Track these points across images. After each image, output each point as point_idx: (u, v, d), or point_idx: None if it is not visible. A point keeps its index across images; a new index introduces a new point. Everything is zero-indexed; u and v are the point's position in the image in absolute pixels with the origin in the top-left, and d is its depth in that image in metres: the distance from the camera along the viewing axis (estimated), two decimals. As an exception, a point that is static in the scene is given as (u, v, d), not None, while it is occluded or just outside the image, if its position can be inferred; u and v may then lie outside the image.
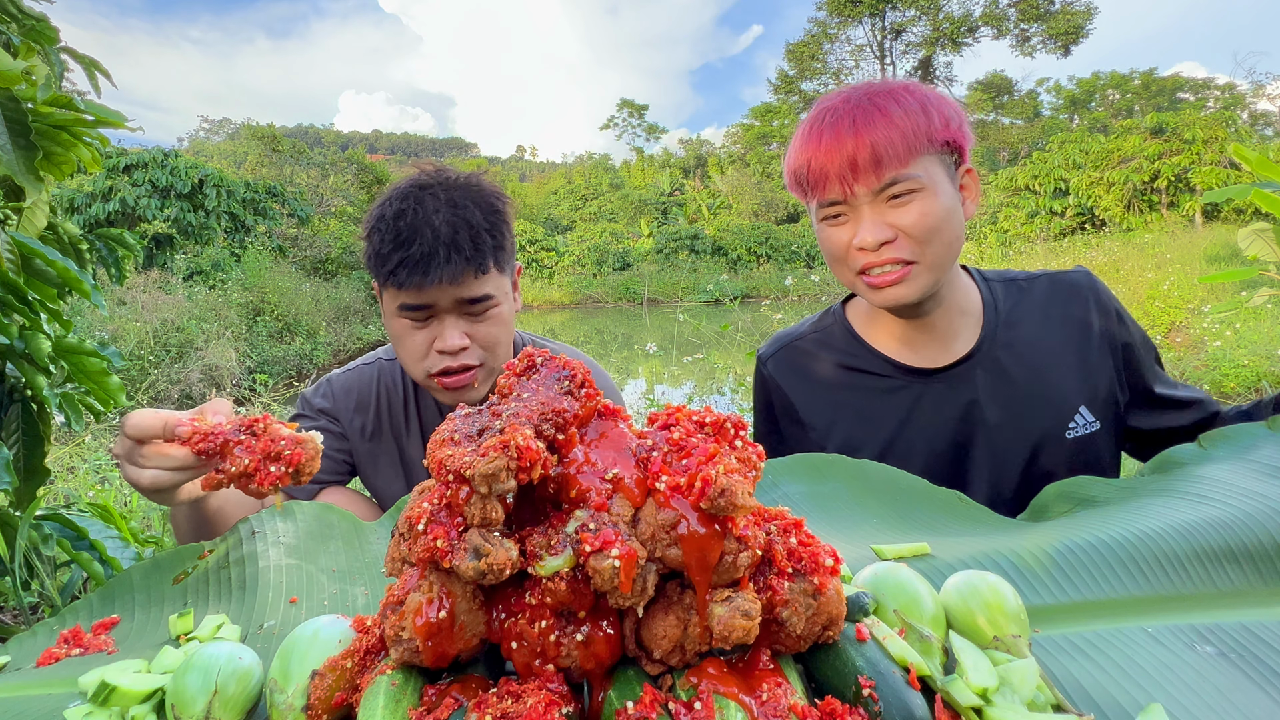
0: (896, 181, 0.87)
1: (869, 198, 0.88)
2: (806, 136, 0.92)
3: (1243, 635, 0.47)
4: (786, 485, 0.78)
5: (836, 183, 0.89)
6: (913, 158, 0.87)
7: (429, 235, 0.98)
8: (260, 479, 0.70)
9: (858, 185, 0.88)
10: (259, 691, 0.50)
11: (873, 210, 0.89)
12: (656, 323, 15.20)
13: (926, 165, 0.88)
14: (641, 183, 35.64)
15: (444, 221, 0.99)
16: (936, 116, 0.88)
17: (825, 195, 0.91)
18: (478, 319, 1.05)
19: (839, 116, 0.89)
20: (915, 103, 0.88)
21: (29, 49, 1.14)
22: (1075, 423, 0.94)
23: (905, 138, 0.86)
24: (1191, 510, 0.60)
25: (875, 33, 29.53)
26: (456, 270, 0.98)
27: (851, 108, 0.89)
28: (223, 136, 66.84)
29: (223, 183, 13.67)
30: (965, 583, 0.50)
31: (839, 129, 0.88)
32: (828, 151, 0.88)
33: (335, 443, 1.22)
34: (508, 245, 1.07)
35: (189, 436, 0.70)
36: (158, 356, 6.88)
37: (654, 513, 0.44)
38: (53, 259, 1.07)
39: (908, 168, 0.87)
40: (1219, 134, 15.24)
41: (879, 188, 0.87)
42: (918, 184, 0.87)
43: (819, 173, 0.90)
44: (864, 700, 0.42)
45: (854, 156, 0.87)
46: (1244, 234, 3.38)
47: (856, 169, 0.87)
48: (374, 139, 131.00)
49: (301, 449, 0.72)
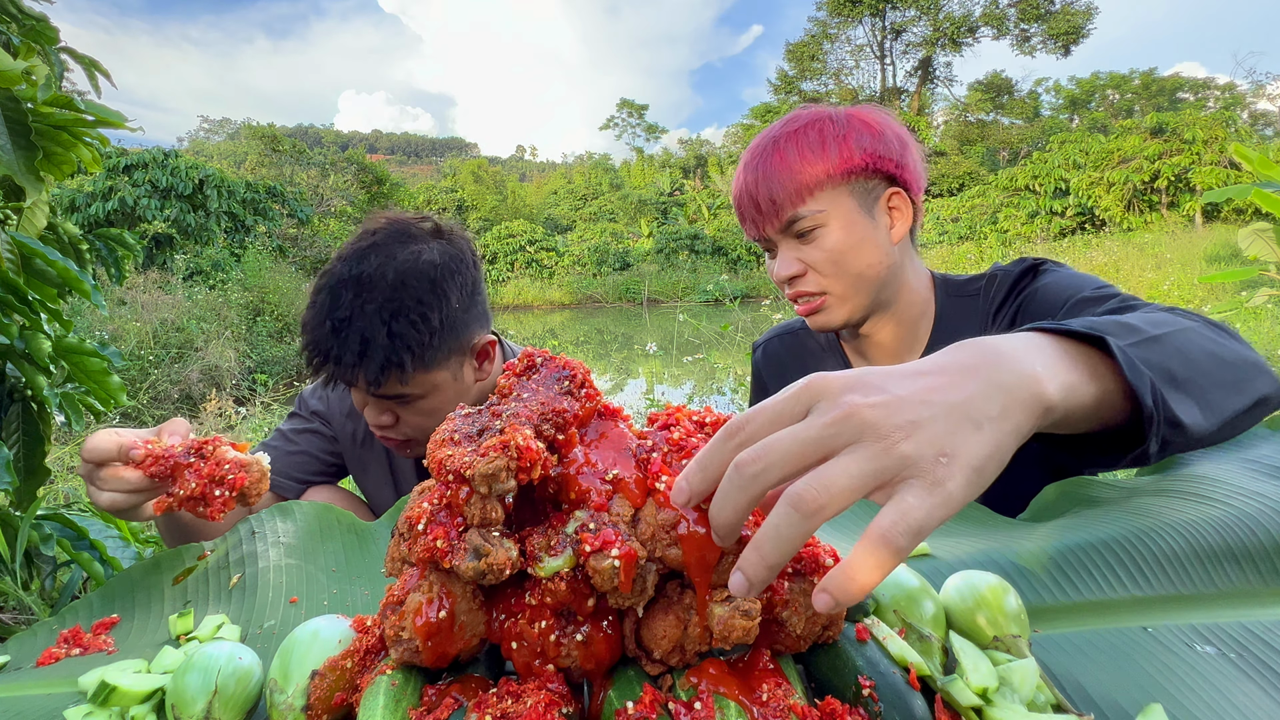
0: (796, 220, 0.91)
1: (779, 236, 0.94)
2: (734, 181, 0.98)
3: (1243, 635, 0.47)
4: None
5: (750, 224, 0.95)
6: (808, 195, 0.90)
7: (323, 338, 0.95)
8: (208, 502, 0.70)
9: (765, 226, 0.94)
10: (259, 691, 0.50)
11: (785, 246, 0.94)
12: (656, 323, 15.20)
13: (831, 199, 0.90)
14: (641, 183, 35.65)
15: (339, 328, 0.94)
16: (837, 150, 0.89)
17: (750, 235, 0.98)
18: (402, 407, 1.01)
19: (745, 167, 0.95)
20: (816, 137, 0.90)
21: (29, 49, 1.14)
22: None
23: (797, 178, 0.89)
24: (1191, 510, 0.60)
25: (875, 33, 29.54)
26: (343, 378, 0.96)
27: (756, 157, 0.93)
28: (223, 136, 66.86)
29: (223, 183, 13.67)
30: (965, 583, 0.50)
31: (747, 171, 0.94)
32: (739, 194, 0.95)
33: (325, 444, 1.23)
34: (439, 348, 0.98)
35: (141, 460, 0.70)
36: (158, 356, 6.88)
37: (654, 513, 0.44)
38: (53, 259, 1.07)
39: (805, 205, 0.90)
40: (1219, 134, 15.24)
41: (781, 227, 0.93)
42: (819, 220, 0.90)
43: (740, 214, 0.97)
44: (864, 700, 0.42)
45: (755, 199, 0.92)
46: (1244, 234, 3.38)
47: (760, 211, 0.92)
48: (374, 139, 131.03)
49: (245, 472, 0.71)
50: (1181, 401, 0.50)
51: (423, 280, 0.98)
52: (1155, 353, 0.51)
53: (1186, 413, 0.50)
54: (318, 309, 0.98)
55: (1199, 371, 0.54)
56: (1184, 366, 0.53)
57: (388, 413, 1.03)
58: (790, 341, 1.17)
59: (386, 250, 1.00)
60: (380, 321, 0.94)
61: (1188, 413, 0.50)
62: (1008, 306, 0.94)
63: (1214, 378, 0.54)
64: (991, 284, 0.98)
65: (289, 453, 1.20)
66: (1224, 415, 0.54)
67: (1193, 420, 0.50)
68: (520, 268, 24.74)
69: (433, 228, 1.06)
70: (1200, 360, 0.55)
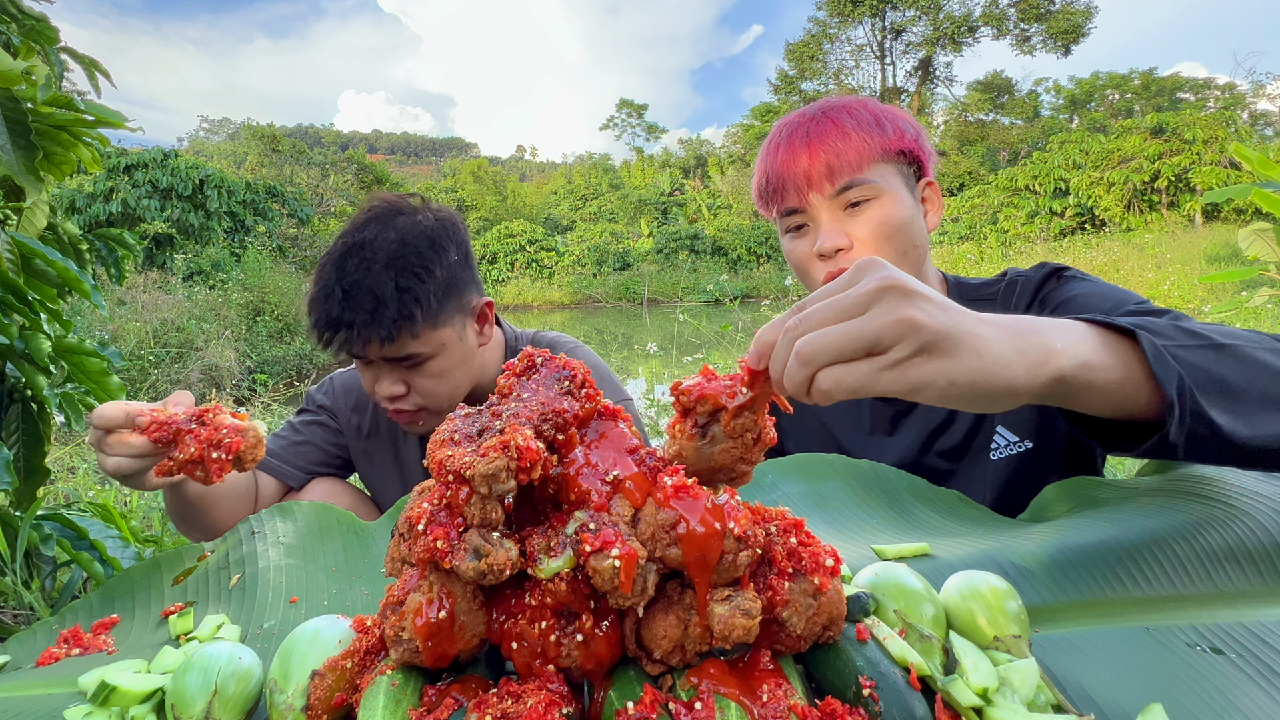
0: (851, 186, 0.88)
1: (826, 205, 0.90)
2: (766, 153, 0.95)
3: (1243, 635, 0.47)
4: (786, 485, 0.78)
5: (793, 192, 0.91)
6: (866, 164, 0.89)
7: (334, 304, 0.99)
8: (206, 465, 0.75)
9: (812, 193, 0.90)
10: (259, 691, 0.50)
11: (830, 217, 0.90)
12: (656, 323, 15.20)
13: (882, 172, 0.90)
14: (641, 183, 35.64)
15: (350, 290, 0.98)
16: (890, 127, 0.91)
17: (784, 204, 0.93)
18: (411, 372, 1.04)
19: (794, 130, 0.92)
20: (869, 115, 0.91)
21: (29, 49, 1.14)
22: (996, 444, 0.91)
23: (857, 145, 0.88)
24: (1192, 510, 0.60)
25: (875, 32, 29.54)
26: (359, 340, 0.99)
27: (806, 122, 0.92)
28: (223, 136, 66.85)
29: (223, 183, 13.67)
30: (965, 583, 0.50)
31: (794, 142, 0.91)
32: (784, 163, 0.91)
33: (330, 437, 1.25)
34: (443, 302, 1.03)
35: (147, 425, 0.75)
36: (158, 356, 6.88)
37: (654, 512, 0.44)
38: (53, 259, 1.08)
39: (862, 173, 0.88)
40: (1219, 134, 15.24)
41: (834, 193, 0.89)
42: (873, 190, 0.88)
43: (777, 184, 0.92)
44: (864, 700, 0.42)
45: (809, 165, 0.89)
46: (1244, 234, 3.38)
47: (811, 177, 0.89)
48: (374, 139, 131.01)
49: (241, 437, 0.76)
50: (1223, 404, 0.51)
51: (422, 239, 1.03)
52: (1207, 358, 0.52)
53: (1226, 413, 0.50)
54: (324, 282, 1.01)
55: (1256, 380, 0.53)
56: (1238, 373, 0.53)
57: (399, 382, 1.05)
58: None
59: (383, 220, 1.05)
60: (388, 278, 0.99)
61: (1229, 413, 0.51)
62: (1034, 312, 0.91)
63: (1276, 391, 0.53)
64: (1011, 290, 0.95)
65: (295, 443, 1.21)
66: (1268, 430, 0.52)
67: (1231, 425, 0.50)
68: (520, 268, 24.74)
69: (421, 202, 1.12)
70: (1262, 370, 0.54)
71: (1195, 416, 0.50)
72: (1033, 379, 0.45)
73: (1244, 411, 0.52)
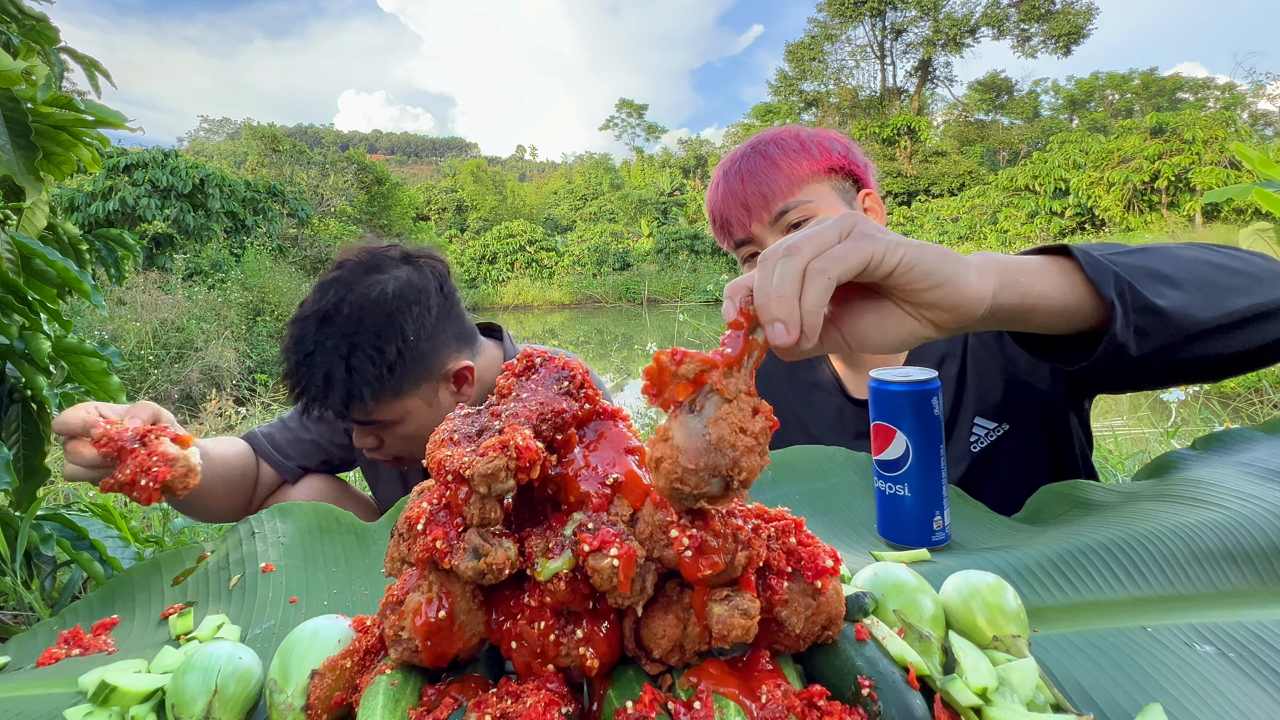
0: (787, 210, 0.94)
1: (769, 231, 0.96)
2: (709, 194, 1.03)
3: (1243, 635, 0.47)
4: (786, 484, 0.78)
5: (737, 224, 0.98)
6: (797, 187, 0.95)
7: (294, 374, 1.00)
8: (137, 490, 0.75)
9: (754, 223, 0.97)
10: (259, 691, 0.50)
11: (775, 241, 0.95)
12: (656, 323, 15.20)
13: (815, 192, 0.96)
14: (641, 183, 35.62)
15: (304, 364, 0.99)
16: (816, 149, 0.98)
17: (734, 237, 1.00)
18: (382, 430, 1.05)
19: (728, 169, 1.00)
20: (795, 142, 0.98)
21: (29, 49, 1.14)
22: (975, 434, 0.92)
23: (786, 171, 0.95)
24: (1188, 513, 0.60)
25: (876, 33, 29.53)
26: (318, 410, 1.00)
27: (738, 160, 1.00)
28: (223, 136, 66.83)
29: (223, 183, 13.66)
30: (965, 583, 0.50)
31: (729, 179, 0.99)
32: (724, 199, 0.99)
33: (337, 437, 1.25)
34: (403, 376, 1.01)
35: (98, 438, 0.75)
36: (158, 356, 6.88)
37: (652, 512, 0.44)
38: (53, 259, 1.08)
39: (794, 196, 0.95)
40: (1219, 134, 15.24)
41: (772, 219, 0.96)
42: (809, 209, 0.94)
43: (722, 220, 1.00)
44: (864, 700, 0.42)
45: (744, 198, 0.97)
46: (1245, 234, 3.37)
47: (750, 207, 0.96)
48: (374, 139, 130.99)
49: (170, 467, 0.76)
50: (1163, 292, 0.56)
51: (378, 314, 1.00)
52: (1140, 259, 0.58)
53: (1167, 298, 0.55)
54: (289, 343, 1.02)
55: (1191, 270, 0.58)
56: (1173, 266, 0.58)
57: (370, 436, 1.06)
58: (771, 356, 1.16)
59: (347, 284, 1.02)
60: (339, 357, 0.98)
61: (1169, 298, 0.55)
62: None
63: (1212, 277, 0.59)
64: None
65: (301, 439, 1.22)
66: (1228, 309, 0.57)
67: (1174, 304, 0.55)
68: (520, 268, 24.74)
69: (401, 254, 1.07)
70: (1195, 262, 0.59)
71: (1140, 310, 0.55)
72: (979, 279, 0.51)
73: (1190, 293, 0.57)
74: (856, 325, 0.52)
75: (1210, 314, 0.57)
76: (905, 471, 0.65)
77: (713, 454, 0.40)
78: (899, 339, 0.51)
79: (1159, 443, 2.69)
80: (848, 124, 28.47)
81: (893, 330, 0.51)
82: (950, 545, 0.66)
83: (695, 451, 0.40)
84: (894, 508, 0.66)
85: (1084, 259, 0.55)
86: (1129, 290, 0.54)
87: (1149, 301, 0.55)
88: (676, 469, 0.40)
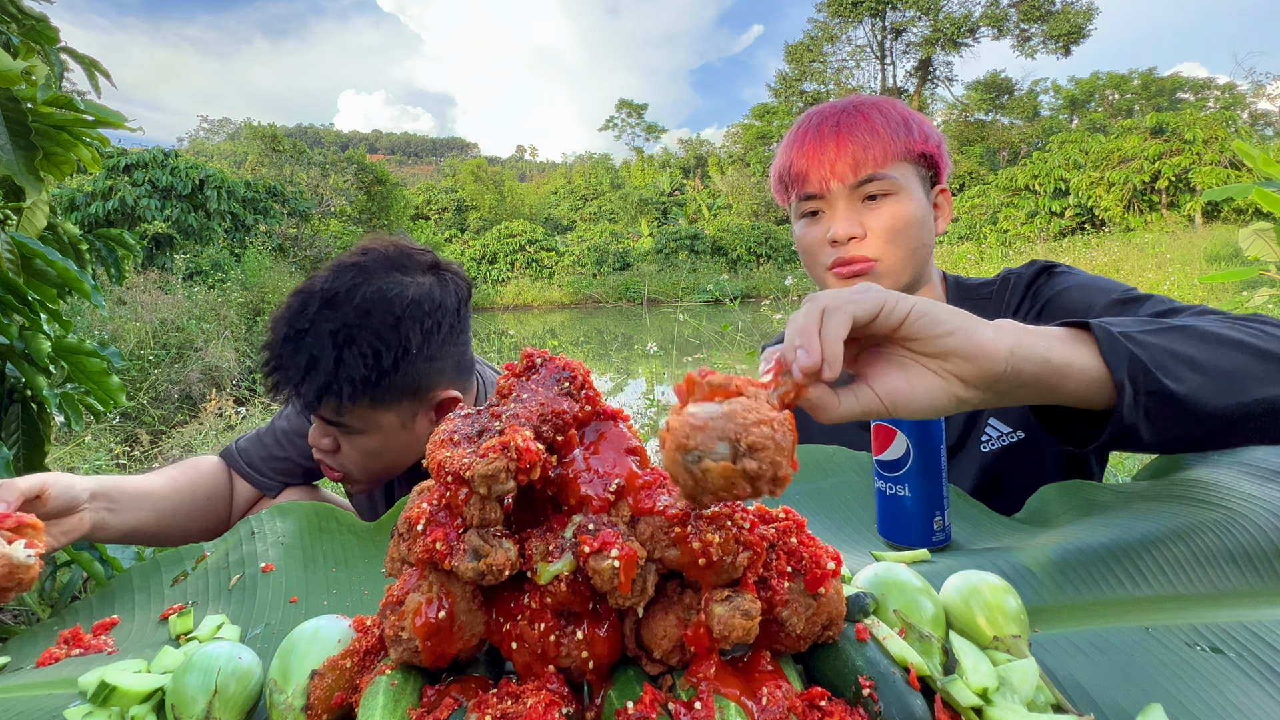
0: (872, 179, 0.91)
1: (845, 194, 0.93)
2: (792, 140, 0.98)
3: (1243, 635, 0.47)
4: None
5: (815, 178, 0.94)
6: (889, 161, 0.92)
7: (277, 350, 0.93)
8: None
9: (834, 180, 0.92)
10: (259, 691, 0.50)
11: (848, 207, 0.93)
12: (656, 323, 15.20)
13: (902, 171, 0.93)
14: (641, 183, 35.61)
15: (292, 339, 0.92)
16: (916, 130, 0.94)
17: (804, 189, 0.95)
18: (344, 436, 0.97)
19: (824, 120, 0.95)
20: (898, 115, 0.95)
21: (29, 49, 1.14)
22: (988, 435, 0.93)
23: (883, 142, 0.91)
24: (1189, 514, 0.60)
25: (875, 33, 29.53)
26: (285, 396, 0.93)
27: (837, 113, 0.95)
28: (223, 136, 66.80)
29: (223, 183, 13.65)
30: (965, 583, 0.50)
31: (823, 131, 0.94)
32: (811, 150, 0.94)
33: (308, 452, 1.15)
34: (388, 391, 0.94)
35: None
36: (158, 356, 6.88)
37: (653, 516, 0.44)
38: (53, 259, 1.08)
39: (884, 169, 0.91)
40: (1219, 134, 15.23)
41: (855, 183, 0.92)
42: (892, 186, 0.91)
43: (800, 169, 0.95)
44: (864, 700, 0.42)
45: (835, 154, 0.92)
46: (1245, 234, 3.37)
47: (836, 166, 0.92)
48: (374, 139, 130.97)
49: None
50: (1183, 376, 0.54)
51: (387, 315, 0.93)
52: (1167, 339, 0.56)
53: (1185, 384, 0.54)
54: (283, 313, 0.95)
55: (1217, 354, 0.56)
56: (1200, 347, 0.56)
57: (329, 436, 0.99)
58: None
59: (367, 272, 0.96)
60: (332, 345, 0.91)
61: (1187, 384, 0.54)
62: (1025, 307, 0.94)
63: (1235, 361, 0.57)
64: (1005, 287, 0.97)
65: (275, 458, 1.16)
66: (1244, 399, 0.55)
67: (1189, 391, 0.54)
68: (520, 268, 24.74)
69: (431, 262, 1.02)
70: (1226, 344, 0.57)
71: (1151, 395, 0.53)
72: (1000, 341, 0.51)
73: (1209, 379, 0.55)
74: (888, 383, 0.52)
75: (1224, 403, 0.55)
76: (905, 472, 0.65)
77: (722, 420, 0.40)
78: (930, 398, 0.51)
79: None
80: (848, 124, 28.44)
81: (922, 390, 0.51)
82: (951, 545, 0.66)
83: (706, 415, 0.40)
84: (894, 508, 0.66)
85: (1102, 336, 0.54)
86: (1143, 374, 0.53)
87: (1163, 386, 0.53)
88: (684, 428, 0.40)
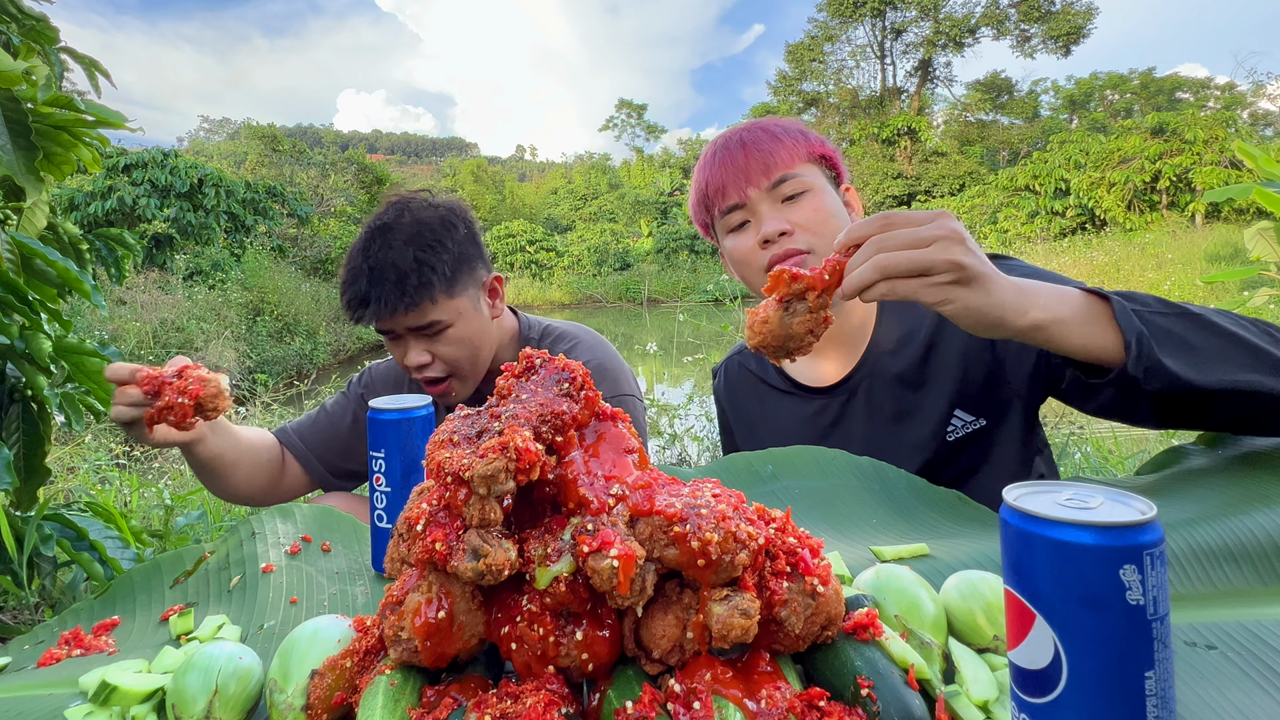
0: (785, 180, 0.99)
1: (764, 198, 1.00)
2: (704, 163, 1.06)
3: (1243, 635, 0.47)
4: (786, 479, 0.78)
5: (734, 190, 1.01)
6: (796, 163, 1.00)
7: (363, 282, 1.13)
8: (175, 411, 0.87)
9: (750, 188, 1.00)
10: (259, 691, 0.50)
11: (770, 208, 1.00)
12: (656, 323, 15.20)
13: (809, 170, 1.01)
14: (641, 183, 35.59)
15: (376, 267, 1.13)
16: (813, 137, 1.04)
17: (726, 202, 1.02)
18: (434, 340, 1.16)
19: (729, 140, 1.04)
20: (794, 126, 1.05)
21: (29, 49, 1.14)
22: (953, 425, 0.98)
23: (787, 147, 1.01)
24: (1189, 509, 0.60)
25: (876, 33, 29.52)
26: (386, 310, 1.11)
27: (739, 133, 1.05)
28: (223, 136, 66.74)
29: (222, 182, 13.65)
30: (965, 583, 0.50)
31: (730, 148, 1.03)
32: (724, 165, 1.02)
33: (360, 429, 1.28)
34: (457, 272, 1.16)
35: (141, 379, 0.89)
36: (158, 356, 6.88)
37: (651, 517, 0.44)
38: (53, 259, 1.08)
39: (793, 169, 0.99)
40: (1220, 134, 15.23)
41: (770, 185, 0.99)
42: (805, 184, 0.99)
43: (718, 184, 1.03)
44: (862, 700, 0.42)
45: (746, 164, 1.01)
46: (1251, 233, 3.36)
47: (750, 174, 1.00)
48: (374, 139, 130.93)
49: (203, 386, 0.89)
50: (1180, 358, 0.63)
51: (434, 219, 1.19)
52: (1173, 322, 0.65)
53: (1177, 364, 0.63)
54: (353, 264, 1.15)
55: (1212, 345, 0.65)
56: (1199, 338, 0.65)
57: (424, 351, 1.17)
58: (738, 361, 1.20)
59: (399, 207, 1.21)
60: (408, 253, 1.13)
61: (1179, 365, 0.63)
62: None
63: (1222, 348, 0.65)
64: None
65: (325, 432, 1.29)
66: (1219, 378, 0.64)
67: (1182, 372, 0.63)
68: (520, 268, 24.73)
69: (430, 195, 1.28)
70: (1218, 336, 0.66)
71: (1151, 361, 0.62)
72: (1017, 320, 0.63)
73: (1197, 363, 0.64)
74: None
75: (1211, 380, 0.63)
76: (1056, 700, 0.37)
77: (788, 338, 0.66)
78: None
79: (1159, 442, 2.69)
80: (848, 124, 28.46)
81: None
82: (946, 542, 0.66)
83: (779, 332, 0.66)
84: None
85: (1118, 309, 0.64)
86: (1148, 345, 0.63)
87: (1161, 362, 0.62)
88: (765, 336, 0.66)
